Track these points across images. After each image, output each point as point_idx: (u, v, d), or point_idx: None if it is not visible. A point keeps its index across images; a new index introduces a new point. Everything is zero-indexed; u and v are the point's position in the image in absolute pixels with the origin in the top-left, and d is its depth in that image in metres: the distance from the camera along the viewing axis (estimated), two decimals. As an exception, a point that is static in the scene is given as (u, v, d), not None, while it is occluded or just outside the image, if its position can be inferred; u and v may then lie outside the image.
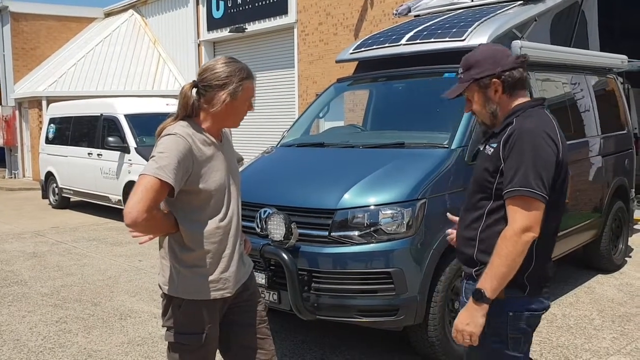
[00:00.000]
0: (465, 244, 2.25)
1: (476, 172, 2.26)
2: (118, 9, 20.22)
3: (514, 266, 2.02)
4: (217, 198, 2.28)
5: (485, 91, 2.21)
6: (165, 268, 2.34)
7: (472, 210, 2.24)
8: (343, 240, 3.66)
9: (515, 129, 2.10)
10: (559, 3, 5.72)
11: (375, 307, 3.62)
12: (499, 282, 2.02)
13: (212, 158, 2.27)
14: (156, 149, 2.17)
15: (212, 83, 2.25)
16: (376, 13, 12.21)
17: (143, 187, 2.07)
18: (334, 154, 4.60)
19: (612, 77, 6.60)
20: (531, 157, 2.03)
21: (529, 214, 2.01)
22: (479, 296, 2.04)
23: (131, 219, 2.04)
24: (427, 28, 5.04)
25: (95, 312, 5.26)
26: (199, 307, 2.29)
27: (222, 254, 2.31)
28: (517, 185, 2.02)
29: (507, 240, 2.01)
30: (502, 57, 2.20)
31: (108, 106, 10.63)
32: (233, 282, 2.34)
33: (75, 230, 9.45)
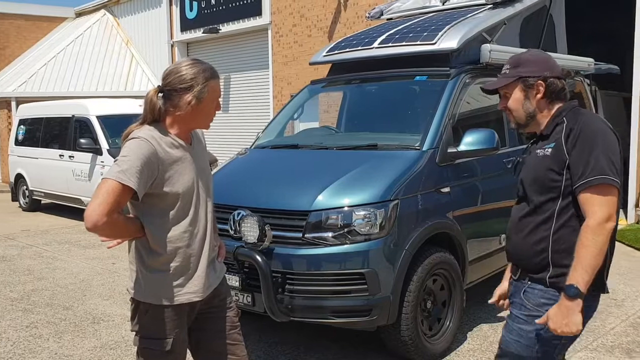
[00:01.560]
0: (532, 250, 2.20)
1: (534, 174, 2.21)
2: (90, 9, 19.95)
3: (601, 257, 2.00)
4: (185, 201, 2.27)
5: (527, 91, 2.25)
6: (132, 272, 2.33)
7: (535, 214, 2.19)
8: (317, 242, 3.68)
9: (575, 124, 2.11)
10: (527, 7, 5.84)
11: (349, 308, 3.65)
12: (590, 274, 1.98)
13: (180, 161, 2.26)
14: (120, 152, 2.16)
15: (177, 86, 2.23)
16: (349, 15, 12.28)
17: (104, 191, 2.06)
18: (307, 156, 4.63)
19: (579, 79, 6.76)
20: (600, 144, 2.04)
21: (608, 201, 2.00)
22: (574, 292, 1.98)
23: (91, 223, 2.04)
24: (399, 31, 5.10)
25: (66, 316, 5.19)
26: (166, 312, 2.29)
27: (190, 258, 2.30)
28: (592, 175, 2.01)
29: (593, 231, 1.98)
30: (553, 64, 2.26)
31: (80, 107, 10.48)
32: (202, 287, 2.33)
33: (46, 233, 9.30)
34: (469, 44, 4.77)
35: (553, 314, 2.04)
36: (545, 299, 2.14)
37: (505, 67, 2.33)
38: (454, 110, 4.36)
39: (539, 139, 2.27)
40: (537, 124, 2.28)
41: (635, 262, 6.62)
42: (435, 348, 4.03)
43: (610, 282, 5.82)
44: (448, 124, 4.27)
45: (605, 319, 4.82)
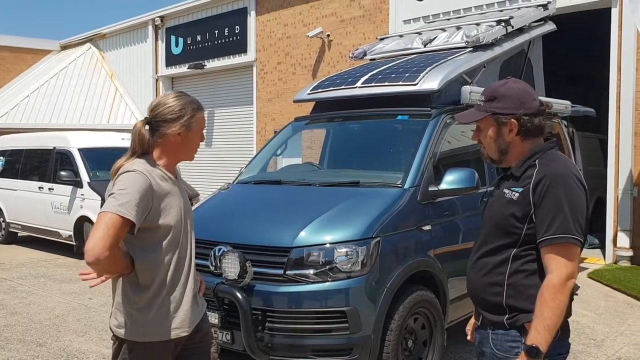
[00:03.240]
0: (488, 291, 2.19)
1: (496, 216, 2.19)
2: (75, 42, 20.03)
3: (562, 315, 1.98)
4: (174, 235, 2.28)
5: (500, 127, 2.19)
6: (117, 311, 2.30)
7: (493, 255, 2.18)
8: (298, 279, 3.67)
9: (546, 173, 2.06)
10: (506, 50, 6.02)
11: (330, 347, 3.63)
12: (551, 333, 1.96)
13: (170, 194, 2.28)
14: (115, 186, 2.16)
15: (166, 117, 2.27)
16: (333, 54, 12.51)
17: (104, 225, 2.05)
18: (290, 192, 4.65)
19: (557, 121, 6.93)
20: (567, 202, 2.00)
21: (572, 261, 1.99)
22: (535, 353, 1.96)
23: (93, 257, 2.02)
24: (381, 72, 5.21)
25: (40, 353, 5.05)
26: (152, 349, 2.26)
27: (178, 293, 2.29)
28: (558, 232, 1.98)
29: (556, 290, 1.96)
30: (528, 100, 2.16)
31: (61, 139, 10.41)
32: (188, 322, 2.32)
33: (21, 266, 9.11)
34: (449, 85, 4.88)
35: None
36: (510, 341, 2.13)
37: (481, 98, 2.27)
38: (435, 149, 4.44)
39: (510, 177, 2.22)
40: (510, 160, 2.23)
41: (614, 302, 6.67)
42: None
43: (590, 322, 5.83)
44: (429, 162, 4.34)
45: (586, 359, 4.82)
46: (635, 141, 8.46)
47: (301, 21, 13.21)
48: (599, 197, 10.17)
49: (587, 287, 7.28)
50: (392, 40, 6.87)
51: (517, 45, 6.23)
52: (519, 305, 2.09)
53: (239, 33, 14.54)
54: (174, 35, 16.38)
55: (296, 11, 13.30)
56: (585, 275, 7.89)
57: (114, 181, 2.19)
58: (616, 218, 8.63)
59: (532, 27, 6.69)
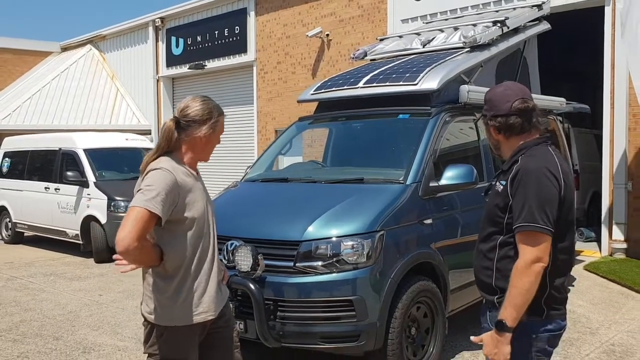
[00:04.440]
0: (483, 273, 2.44)
1: (488, 207, 2.45)
2: (75, 44, 20.19)
3: (529, 295, 2.20)
4: (199, 226, 2.48)
5: (488, 127, 2.50)
6: (147, 298, 2.50)
7: (485, 242, 2.44)
8: (307, 270, 3.88)
9: (521, 168, 2.29)
10: (502, 50, 6.22)
11: (338, 334, 3.83)
12: (517, 311, 2.20)
13: (193, 189, 2.49)
14: (143, 182, 2.36)
15: (195, 118, 2.49)
16: (333, 54, 12.70)
17: (133, 218, 2.25)
18: (297, 189, 4.86)
19: (552, 117, 7.14)
20: (535, 194, 2.21)
21: (537, 247, 2.20)
22: (501, 326, 2.21)
23: (123, 247, 2.22)
24: (382, 72, 5.41)
25: (57, 346, 5.26)
26: (181, 333, 2.45)
27: (203, 280, 2.49)
28: (524, 221, 2.21)
29: (520, 273, 2.20)
30: (500, 103, 2.40)
31: (67, 140, 10.61)
32: (214, 306, 2.52)
33: (30, 265, 9.30)
34: (448, 85, 5.08)
35: (486, 342, 2.29)
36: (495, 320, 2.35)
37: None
38: (435, 147, 4.64)
39: (502, 171, 2.48)
40: (505, 154, 2.50)
41: (609, 292, 6.88)
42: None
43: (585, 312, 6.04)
44: (430, 159, 4.54)
45: (580, 347, 5.04)
46: (629, 136, 8.67)
47: (300, 21, 13.39)
48: (595, 191, 10.40)
49: (584, 279, 7.50)
50: (391, 40, 7.07)
51: (512, 45, 6.43)
52: (505, 286, 2.31)
53: (239, 33, 14.72)
54: (175, 36, 16.55)
55: (295, 11, 13.49)
56: (582, 267, 8.10)
57: (143, 177, 2.39)
58: (611, 212, 8.84)
59: (527, 27, 6.89)
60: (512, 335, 2.23)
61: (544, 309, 2.31)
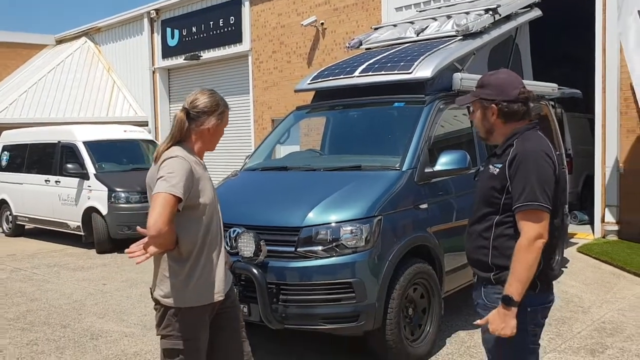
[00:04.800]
0: (478, 252, 2.56)
1: (482, 189, 2.58)
2: (70, 36, 20.20)
3: (533, 270, 2.34)
4: (209, 211, 2.63)
5: (485, 111, 2.58)
6: (162, 282, 2.63)
7: (480, 223, 2.56)
8: (308, 255, 4.03)
9: (518, 151, 2.42)
10: (494, 38, 6.34)
11: (338, 315, 3.99)
12: (522, 285, 2.33)
13: (203, 177, 2.64)
14: (162, 170, 2.49)
15: (204, 109, 2.65)
16: (328, 42, 12.79)
17: (161, 203, 2.40)
18: (297, 177, 5.00)
19: (544, 103, 7.27)
20: (535, 175, 2.36)
21: (539, 224, 2.34)
22: (508, 301, 2.33)
23: (156, 230, 2.36)
24: (377, 61, 5.53)
25: (65, 333, 5.41)
26: (194, 313, 2.60)
27: (213, 262, 2.64)
28: (526, 201, 2.35)
29: (524, 249, 2.33)
30: (508, 89, 2.53)
31: (66, 133, 10.70)
32: (223, 287, 2.68)
33: (33, 257, 9.43)
34: (442, 73, 5.21)
35: (492, 319, 2.39)
36: (496, 293, 2.49)
37: (476, 84, 2.70)
38: (429, 134, 4.77)
39: (494, 154, 2.62)
40: (496, 138, 2.62)
41: (601, 273, 7.06)
42: (417, 352, 4.37)
43: (578, 292, 6.21)
44: (425, 146, 4.68)
45: (573, 325, 5.21)
46: (621, 120, 8.81)
47: (295, 10, 13.45)
48: (588, 175, 10.55)
49: (577, 261, 7.69)
50: (386, 29, 7.17)
51: (504, 32, 6.55)
52: (502, 263, 2.47)
53: (234, 23, 14.78)
54: (170, 27, 16.59)
55: (290, 0, 13.54)
56: (575, 249, 8.29)
57: (159, 166, 2.53)
58: (603, 194, 9.01)
59: (519, 14, 7.01)
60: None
61: (538, 284, 2.46)
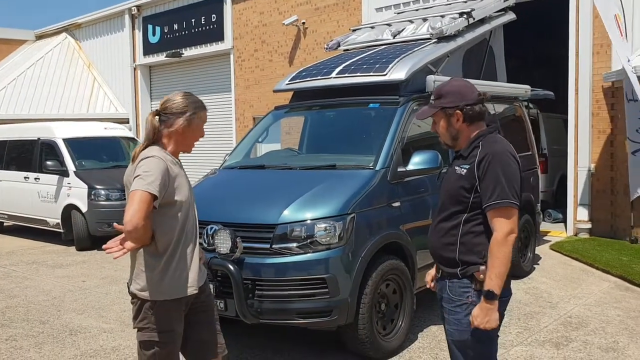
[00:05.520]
0: (445, 249, 2.68)
1: (450, 189, 2.69)
2: (50, 32, 20.03)
3: (509, 263, 2.48)
4: (185, 209, 2.74)
5: (449, 118, 2.70)
6: (138, 277, 2.73)
7: (448, 220, 2.68)
8: (283, 252, 4.14)
9: (487, 153, 2.55)
10: (469, 41, 6.50)
11: (312, 309, 4.11)
12: (501, 279, 2.46)
13: (179, 175, 2.75)
14: (139, 169, 2.60)
15: (173, 110, 2.74)
16: (309, 42, 12.90)
17: (138, 200, 2.50)
18: (273, 175, 5.11)
19: (518, 104, 7.46)
20: (504, 174, 2.51)
21: (511, 220, 2.50)
22: (491, 296, 2.46)
23: (133, 225, 2.47)
24: (354, 63, 5.66)
25: (44, 329, 5.46)
26: (169, 306, 2.70)
27: (188, 257, 2.75)
28: (498, 199, 2.49)
29: (500, 244, 2.47)
30: (468, 93, 2.68)
31: (46, 130, 10.67)
32: (196, 282, 2.78)
33: (12, 254, 9.42)
34: (416, 75, 5.35)
35: (476, 314, 2.52)
36: (463, 287, 2.65)
37: (432, 97, 2.83)
38: (403, 134, 4.92)
39: (460, 156, 2.75)
40: (461, 143, 2.76)
41: (571, 270, 7.28)
42: (389, 345, 4.52)
43: (547, 288, 6.39)
44: (398, 146, 4.82)
45: (540, 319, 5.40)
46: (593, 121, 9.06)
47: (276, 9, 13.54)
48: (563, 175, 10.79)
49: (548, 258, 7.91)
50: (364, 31, 7.31)
51: (478, 35, 6.72)
52: (469, 259, 2.61)
53: (216, 21, 14.81)
54: (151, 24, 16.56)
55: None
56: (548, 247, 8.51)
57: (136, 165, 2.63)
58: (576, 193, 9.26)
59: (493, 17, 7.18)
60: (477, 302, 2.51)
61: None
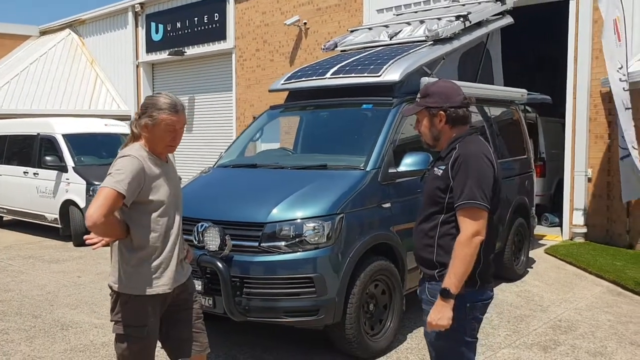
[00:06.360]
0: (424, 250, 2.70)
1: (428, 189, 2.71)
2: (54, 28, 20.10)
3: (470, 265, 2.48)
4: (164, 208, 2.76)
5: (432, 118, 2.71)
6: (114, 269, 2.78)
7: (427, 222, 2.70)
8: (271, 250, 4.17)
9: (460, 153, 2.56)
10: (465, 43, 6.51)
11: (299, 308, 4.14)
12: (459, 279, 2.47)
13: (160, 175, 2.76)
14: (113, 167, 2.65)
15: (140, 111, 2.77)
16: (310, 42, 12.92)
17: (102, 197, 2.55)
18: (264, 174, 5.14)
19: (514, 108, 7.47)
20: (475, 175, 2.50)
21: (477, 221, 2.48)
22: (446, 294, 2.47)
23: (92, 221, 2.52)
24: (349, 64, 5.69)
25: (36, 323, 5.50)
26: (142, 302, 2.74)
27: (165, 256, 2.77)
28: (465, 199, 2.49)
29: (462, 245, 2.47)
30: (453, 95, 2.69)
31: (45, 125, 10.72)
32: (171, 281, 2.80)
33: (9, 248, 9.47)
34: (410, 77, 5.36)
35: (431, 312, 2.53)
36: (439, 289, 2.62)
37: (418, 96, 2.84)
38: (395, 136, 4.94)
39: (439, 158, 2.77)
40: (442, 144, 2.77)
41: (564, 274, 7.29)
42: (377, 345, 4.54)
43: (539, 291, 6.42)
44: (389, 147, 4.84)
45: (530, 322, 5.42)
46: (590, 126, 9.06)
47: (279, 9, 13.57)
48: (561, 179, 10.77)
49: (542, 261, 7.91)
50: (361, 32, 7.33)
51: (475, 38, 6.72)
52: (445, 261, 2.61)
53: (218, 20, 14.85)
54: (154, 22, 16.60)
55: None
56: (543, 250, 8.52)
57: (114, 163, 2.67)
58: (572, 198, 9.25)
59: (491, 20, 7.19)
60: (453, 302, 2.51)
61: (477, 281, 2.61)
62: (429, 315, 2.56)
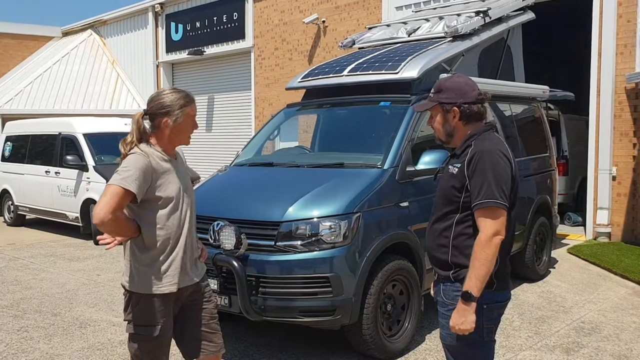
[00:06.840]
0: (438, 251, 2.61)
1: (443, 188, 2.63)
2: (76, 29, 20.34)
3: (491, 266, 2.40)
4: (173, 206, 2.73)
5: (446, 114, 2.63)
6: (127, 268, 2.76)
7: (441, 221, 2.61)
8: (287, 249, 4.13)
9: (476, 151, 2.48)
10: (485, 39, 6.40)
11: (315, 308, 4.09)
12: (481, 281, 2.39)
13: (169, 171, 2.73)
14: (121, 165, 2.63)
15: (157, 111, 2.72)
16: (329, 40, 12.86)
17: (109, 194, 2.53)
18: (281, 173, 5.10)
19: (536, 105, 7.33)
20: (492, 173, 2.42)
21: (497, 220, 2.41)
22: (468, 297, 2.39)
23: (99, 219, 2.50)
24: (367, 61, 5.62)
25: (55, 321, 5.54)
26: (154, 302, 2.71)
27: (176, 255, 2.74)
28: (484, 198, 2.41)
29: (483, 245, 2.39)
30: (468, 91, 2.61)
31: (67, 125, 10.84)
32: (182, 280, 2.77)
33: (31, 246, 9.59)
34: (429, 73, 5.28)
35: (453, 315, 2.46)
36: (455, 291, 2.56)
37: (432, 91, 2.75)
38: (413, 134, 4.86)
39: (454, 155, 2.68)
40: (455, 141, 2.69)
41: (588, 274, 7.13)
42: (394, 346, 4.47)
43: (562, 292, 6.30)
44: (407, 145, 4.76)
45: (552, 323, 5.30)
46: (614, 123, 8.86)
47: (297, 7, 13.53)
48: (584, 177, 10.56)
49: (565, 261, 7.76)
50: (379, 29, 7.25)
51: (495, 34, 6.60)
52: (461, 262, 2.54)
53: (237, 19, 14.87)
54: (174, 22, 16.70)
55: (292, -2, 13.62)
56: (565, 250, 8.35)
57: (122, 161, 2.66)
58: (596, 196, 9.06)
59: (511, 16, 7.06)
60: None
61: (494, 282, 2.53)
62: (451, 319, 2.49)
